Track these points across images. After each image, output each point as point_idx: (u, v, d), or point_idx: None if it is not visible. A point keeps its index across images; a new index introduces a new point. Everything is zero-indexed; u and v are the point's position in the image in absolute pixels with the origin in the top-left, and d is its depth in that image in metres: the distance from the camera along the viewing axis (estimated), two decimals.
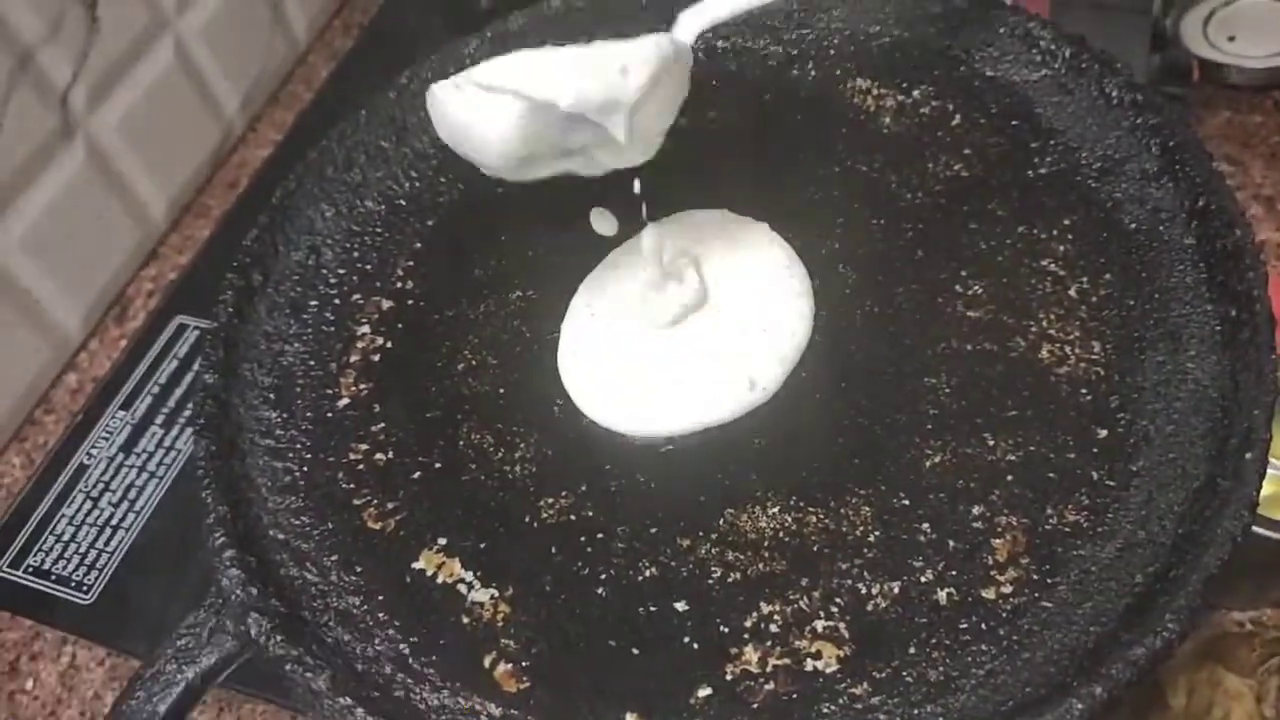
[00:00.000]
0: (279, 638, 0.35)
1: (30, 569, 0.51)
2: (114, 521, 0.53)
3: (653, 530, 0.38)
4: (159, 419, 0.56)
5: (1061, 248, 0.43)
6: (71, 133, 0.65)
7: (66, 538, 0.52)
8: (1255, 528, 0.46)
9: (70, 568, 0.52)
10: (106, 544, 0.52)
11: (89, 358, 0.71)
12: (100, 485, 0.54)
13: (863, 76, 0.50)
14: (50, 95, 0.63)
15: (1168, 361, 0.39)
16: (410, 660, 0.36)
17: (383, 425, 0.42)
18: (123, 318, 0.73)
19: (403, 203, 0.50)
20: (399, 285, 0.47)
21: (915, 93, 0.49)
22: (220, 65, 0.76)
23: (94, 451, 0.55)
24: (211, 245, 0.67)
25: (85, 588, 0.51)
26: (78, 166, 0.66)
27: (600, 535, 0.38)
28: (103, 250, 0.70)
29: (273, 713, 0.55)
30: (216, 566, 0.37)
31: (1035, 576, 0.35)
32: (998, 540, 0.36)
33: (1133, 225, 0.43)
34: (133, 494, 0.54)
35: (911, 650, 0.34)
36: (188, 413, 0.56)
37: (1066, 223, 0.44)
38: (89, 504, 0.53)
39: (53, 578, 0.51)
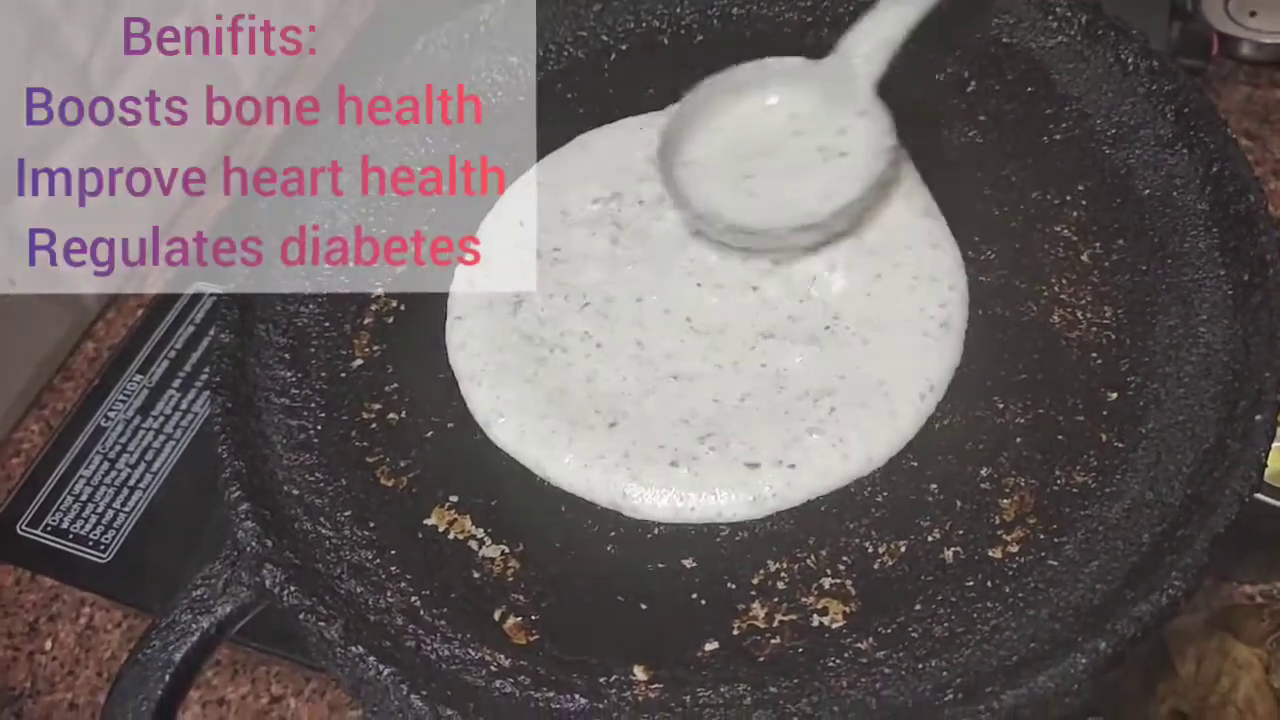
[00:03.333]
0: (293, 588, 0.35)
1: (49, 528, 0.52)
2: (131, 482, 0.54)
3: None
4: (176, 383, 0.57)
5: (1075, 213, 0.43)
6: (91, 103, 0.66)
7: (84, 498, 0.53)
8: (1267, 499, 0.46)
9: (88, 527, 0.52)
10: (124, 504, 0.53)
11: (106, 326, 0.72)
12: (118, 447, 0.55)
13: None
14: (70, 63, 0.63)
15: (1179, 326, 0.39)
16: (421, 612, 0.36)
17: (395, 385, 0.43)
18: (140, 287, 0.73)
19: (416, 169, 0.50)
20: (412, 249, 0.47)
21: (930, 57, 0.48)
22: (243, 40, 0.77)
23: (111, 414, 0.56)
24: (230, 213, 0.68)
25: (103, 547, 0.52)
26: (97, 137, 0.67)
27: None
28: (121, 222, 0.71)
29: (287, 673, 0.55)
30: (232, 519, 0.37)
31: (1042, 536, 0.35)
32: (1005, 500, 0.36)
33: (1146, 191, 0.43)
34: (149, 456, 0.54)
35: (917, 607, 0.34)
36: (204, 377, 0.56)
37: (1080, 188, 0.44)
38: (106, 465, 0.54)
39: (71, 536, 0.51)
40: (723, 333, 0.42)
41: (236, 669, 0.57)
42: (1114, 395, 0.38)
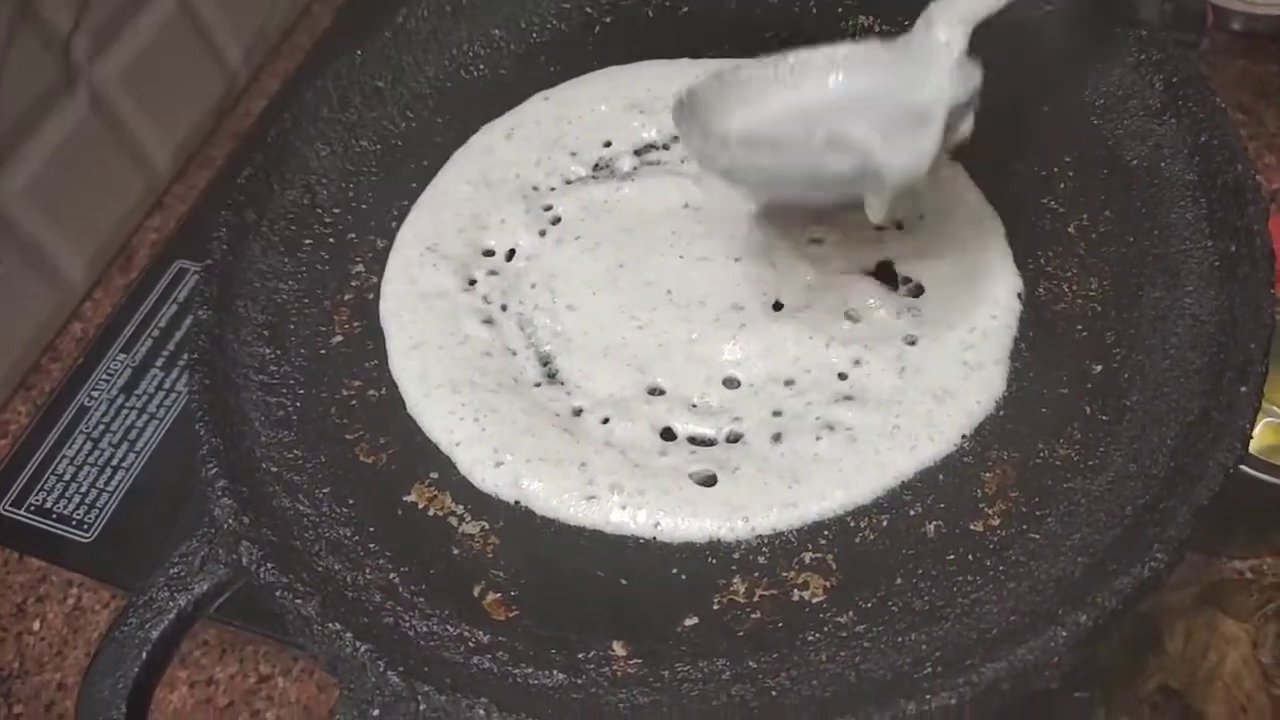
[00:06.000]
0: (270, 565, 0.35)
1: (32, 507, 0.52)
2: (114, 462, 0.53)
3: None
4: (159, 362, 0.57)
5: (1061, 184, 0.43)
6: (74, 82, 0.65)
7: (68, 477, 0.53)
8: (1254, 472, 0.46)
9: (71, 507, 0.52)
10: (107, 484, 0.53)
11: (93, 307, 0.71)
12: (101, 426, 0.55)
13: (865, 13, 0.49)
14: (53, 43, 0.62)
15: (1165, 297, 0.38)
16: (400, 589, 0.36)
17: (375, 362, 0.42)
18: (127, 267, 0.73)
19: (398, 143, 0.49)
20: (394, 225, 0.47)
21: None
22: (223, 16, 0.76)
23: (95, 393, 0.56)
24: (212, 190, 0.67)
25: (86, 526, 0.52)
26: (80, 116, 0.66)
27: None
28: (107, 200, 0.70)
29: (275, 652, 0.55)
30: (209, 496, 0.37)
31: (1024, 509, 0.35)
32: (987, 474, 0.36)
33: (1134, 161, 0.42)
34: (133, 435, 0.54)
35: (898, 581, 0.34)
36: (187, 355, 0.56)
37: (1067, 159, 0.43)
38: (90, 445, 0.54)
39: (54, 516, 0.51)
40: (703, 302, 0.42)
41: (224, 649, 0.57)
42: (1099, 368, 0.37)
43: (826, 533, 0.36)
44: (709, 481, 0.37)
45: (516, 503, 0.38)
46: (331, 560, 0.36)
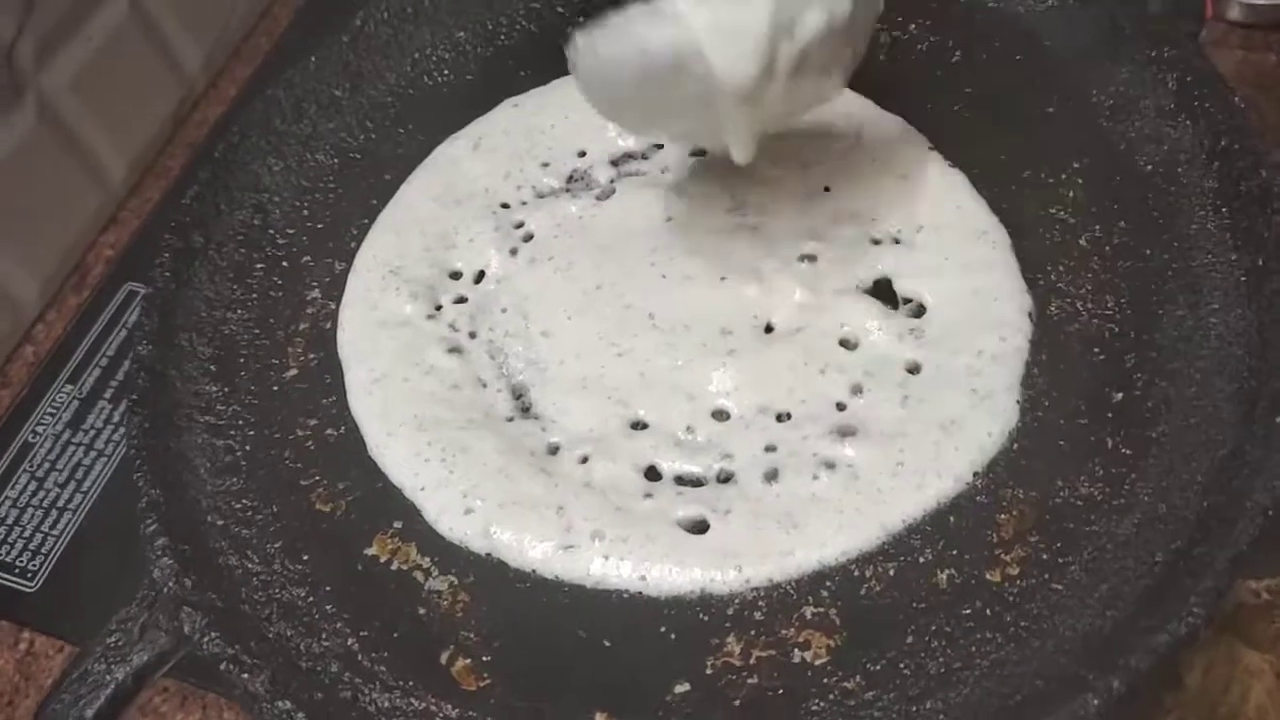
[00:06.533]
0: (214, 634, 0.32)
1: None
2: (60, 503, 0.50)
3: None
4: (107, 393, 0.53)
5: (1071, 193, 0.40)
6: (20, 91, 0.61)
7: (10, 521, 0.49)
8: None
9: (14, 553, 0.48)
10: (52, 527, 0.49)
11: (46, 329, 0.68)
12: (46, 465, 0.51)
13: None
14: None
15: (1188, 316, 0.36)
16: (360, 656, 0.33)
17: (333, 399, 0.39)
18: (81, 286, 0.69)
19: (357, 156, 0.46)
20: (353, 246, 0.43)
21: (911, 27, 0.45)
22: (179, 18, 0.72)
23: (39, 429, 0.52)
24: (163, 207, 0.64)
25: (30, 574, 0.48)
26: (28, 127, 0.62)
27: None
28: (59, 216, 0.66)
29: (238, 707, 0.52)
30: (148, 556, 0.34)
31: (1044, 556, 0.32)
32: (1003, 516, 0.33)
33: (1148, 167, 0.39)
34: (80, 474, 0.50)
35: (909, 639, 0.31)
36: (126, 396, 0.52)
37: (1076, 166, 0.40)
38: (34, 485, 0.50)
39: None
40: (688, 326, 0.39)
41: (185, 695, 0.53)
42: (1119, 395, 0.35)
43: (828, 584, 0.33)
44: (698, 527, 0.34)
45: (488, 554, 0.35)
46: (284, 625, 0.33)
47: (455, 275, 0.43)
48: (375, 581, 0.35)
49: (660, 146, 0.44)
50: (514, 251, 0.42)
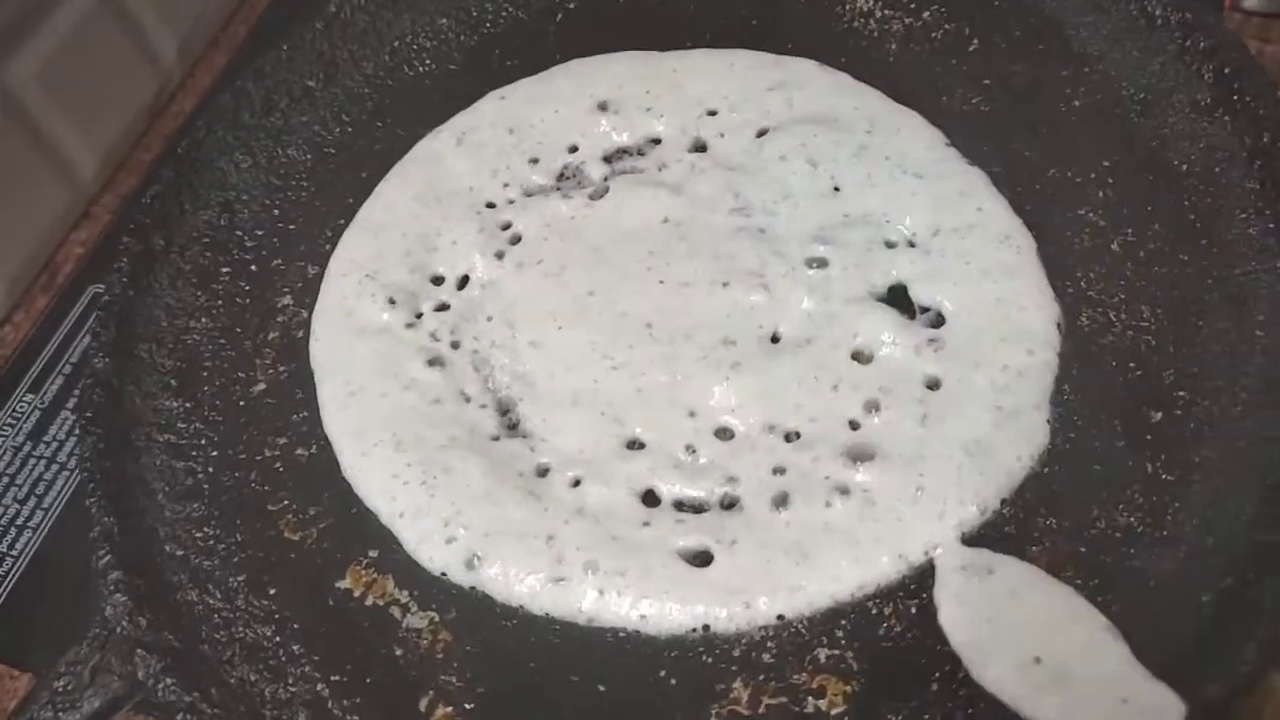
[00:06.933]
0: (169, 680, 0.29)
1: None
2: (20, 520, 0.47)
3: None
4: (71, 403, 0.50)
5: (1100, 193, 0.37)
6: None
7: None
8: None
9: None
10: (11, 547, 0.46)
11: (14, 331, 0.65)
12: (5, 479, 0.48)
13: None
14: None
15: (1231, 329, 0.33)
16: (330, 704, 0.30)
17: (305, 414, 0.37)
18: (50, 286, 0.66)
19: (332, 151, 0.43)
20: (327, 249, 0.40)
21: (925, 14, 0.43)
22: (153, 5, 0.69)
23: None
24: (130, 205, 0.61)
25: None
26: None
27: None
28: (26, 213, 0.63)
29: None
30: (101, 591, 0.31)
31: (1081, 594, 0.29)
32: (1034, 549, 0.31)
33: (1183, 167, 0.37)
34: (40, 489, 0.47)
35: (933, 687, 0.28)
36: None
37: (1106, 164, 0.38)
38: None
39: None
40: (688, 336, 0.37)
41: None
42: (1158, 415, 0.32)
43: (843, 622, 0.30)
44: (701, 559, 0.31)
45: (472, 588, 0.32)
46: (247, 669, 0.31)
47: (437, 280, 0.40)
48: (348, 618, 0.32)
49: (657, 141, 0.42)
50: (500, 255, 0.40)
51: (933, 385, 0.34)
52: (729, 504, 0.33)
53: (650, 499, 0.33)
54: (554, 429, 0.35)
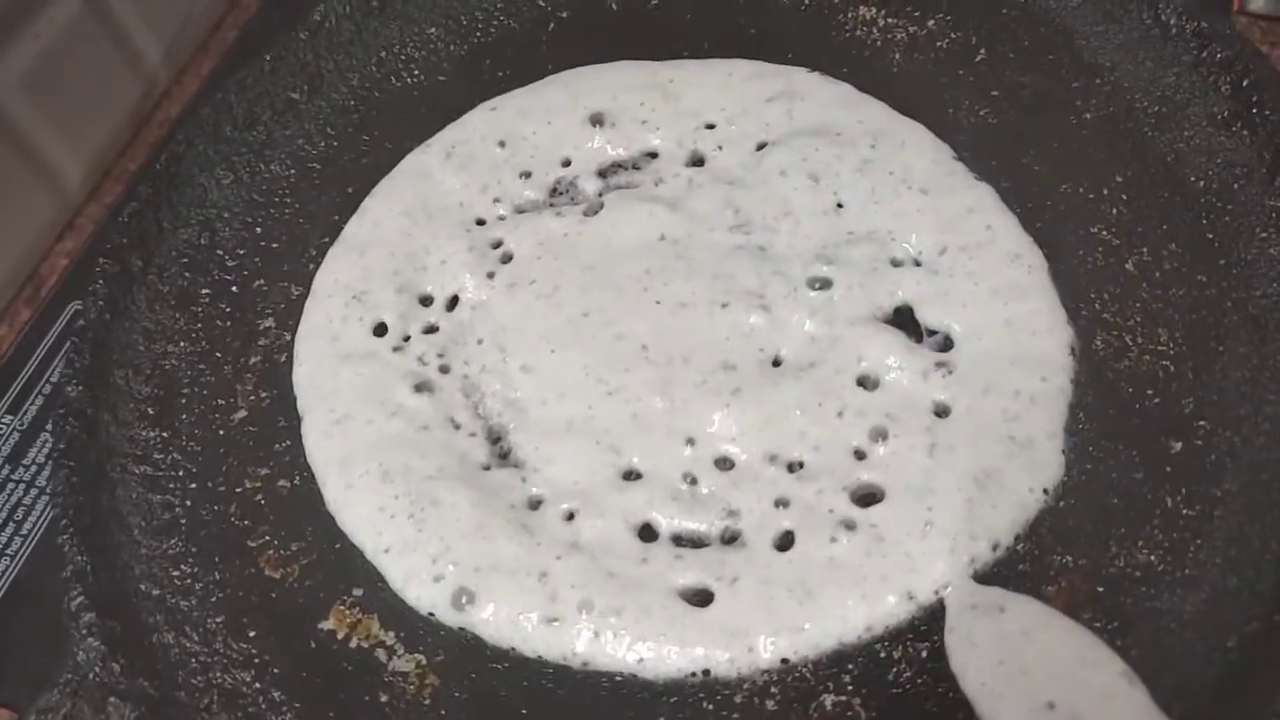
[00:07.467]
0: None
1: None
2: None
3: None
4: (50, 425, 0.48)
5: (1114, 210, 0.36)
6: None
7: None
8: None
9: None
10: None
11: None
12: None
13: (867, 4, 0.42)
14: None
15: (1252, 354, 0.32)
16: None
17: (288, 443, 0.35)
18: (35, 299, 0.65)
19: (316, 166, 0.42)
20: (311, 269, 0.39)
21: (930, 23, 0.42)
22: (138, 10, 0.68)
23: None
24: (109, 223, 0.59)
25: None
26: None
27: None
28: (12, 224, 0.62)
29: None
30: (73, 635, 0.30)
31: (1100, 638, 0.28)
32: (1050, 588, 0.29)
33: (1200, 183, 0.36)
34: (19, 514, 0.46)
35: None
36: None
37: (1119, 180, 0.37)
38: None
39: None
40: (686, 360, 0.35)
41: None
42: (1178, 445, 0.31)
43: (850, 666, 0.29)
44: (701, 598, 0.30)
45: (461, 629, 0.31)
46: (225, 718, 0.29)
47: (425, 301, 0.38)
48: (331, 662, 0.31)
49: (653, 155, 0.40)
50: (491, 274, 0.38)
51: (941, 412, 0.33)
52: (730, 538, 0.32)
53: (647, 533, 0.32)
54: (547, 458, 0.34)
